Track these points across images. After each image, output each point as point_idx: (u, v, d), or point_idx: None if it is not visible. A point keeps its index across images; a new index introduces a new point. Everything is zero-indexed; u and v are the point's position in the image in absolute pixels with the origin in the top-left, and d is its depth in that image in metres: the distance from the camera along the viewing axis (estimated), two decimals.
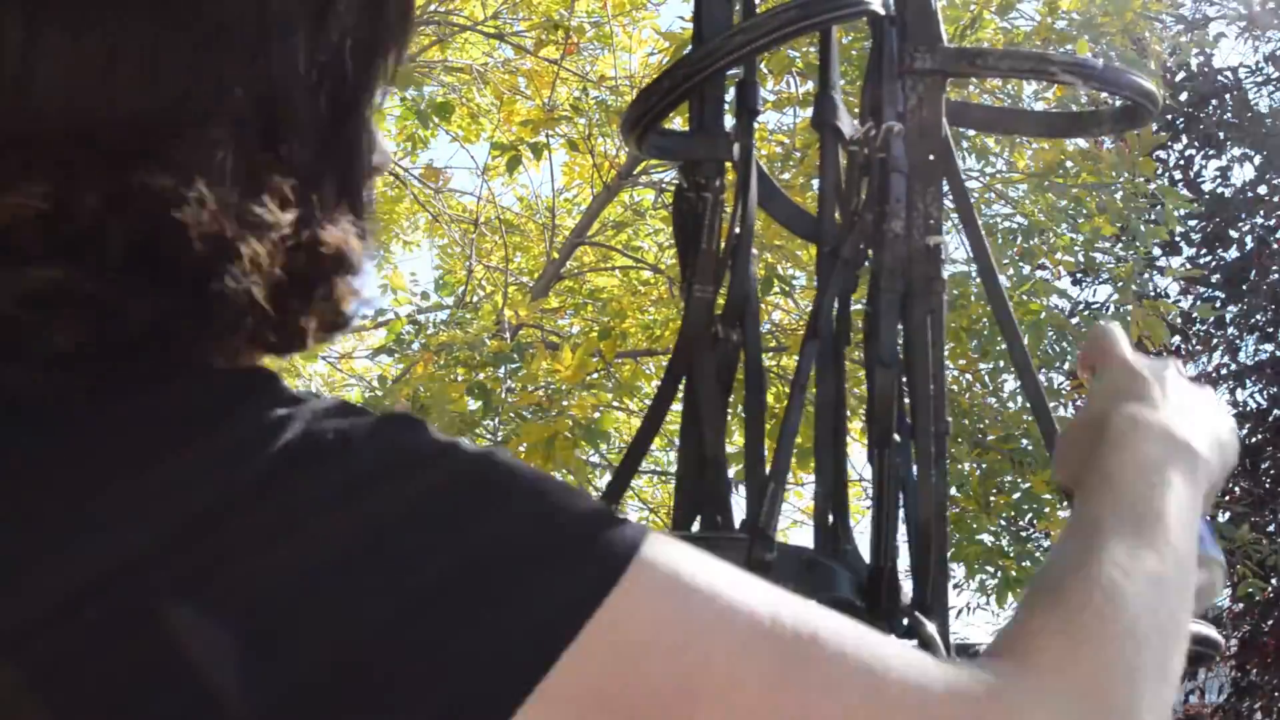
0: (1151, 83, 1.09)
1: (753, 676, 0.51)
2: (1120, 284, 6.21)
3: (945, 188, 1.09)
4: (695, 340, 0.97)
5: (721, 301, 1.01)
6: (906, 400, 1.03)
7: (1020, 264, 5.80)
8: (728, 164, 1.04)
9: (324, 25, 0.56)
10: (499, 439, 5.06)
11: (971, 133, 5.47)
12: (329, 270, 0.57)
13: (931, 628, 0.92)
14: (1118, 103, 1.20)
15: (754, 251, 0.99)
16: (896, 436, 1.00)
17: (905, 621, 0.92)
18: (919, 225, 1.02)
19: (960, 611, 7.86)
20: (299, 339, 0.57)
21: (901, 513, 0.97)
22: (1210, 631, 1.00)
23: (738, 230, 1.00)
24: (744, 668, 0.51)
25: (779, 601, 0.53)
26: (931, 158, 1.01)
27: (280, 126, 0.55)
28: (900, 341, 0.99)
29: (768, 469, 0.94)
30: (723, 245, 0.99)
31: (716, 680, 0.50)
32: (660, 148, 1.08)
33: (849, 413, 1.04)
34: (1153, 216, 5.87)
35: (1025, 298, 5.49)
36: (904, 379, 0.99)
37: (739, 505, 1.05)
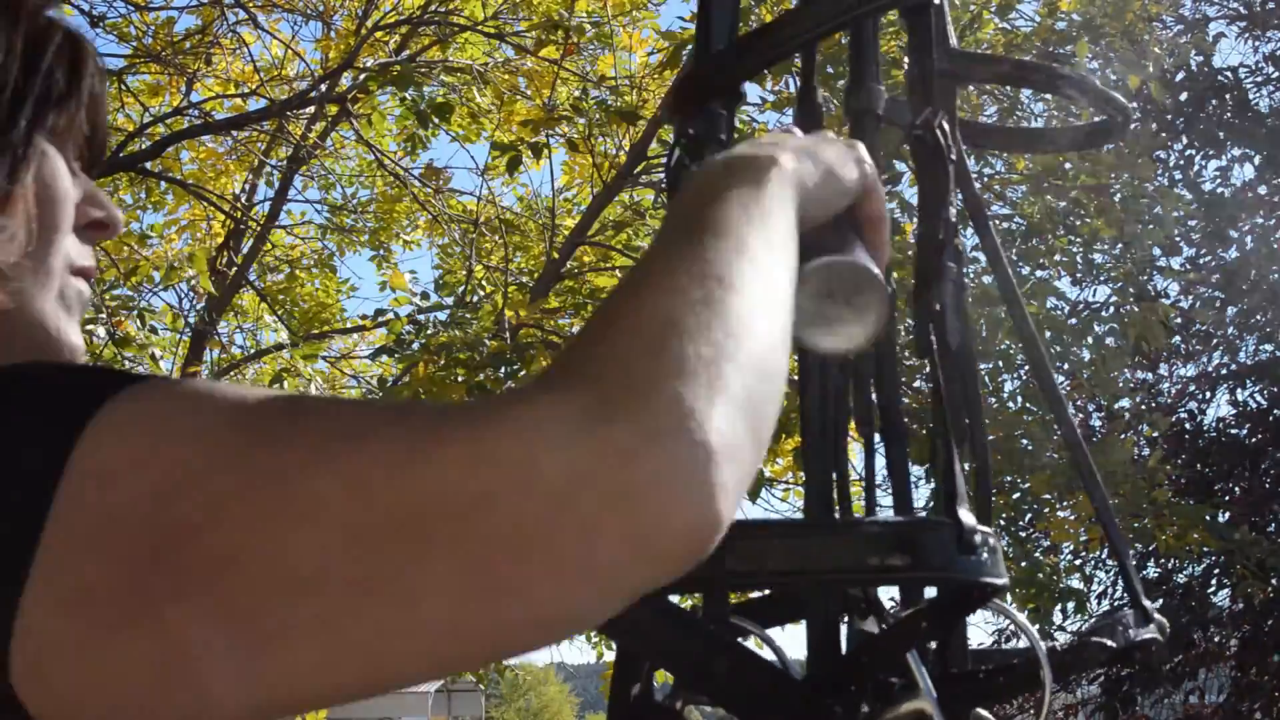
0: (1151, 85, 1.09)
1: (229, 458, 0.52)
2: (1120, 284, 6.22)
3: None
4: None
5: None
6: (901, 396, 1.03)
7: (1020, 265, 5.81)
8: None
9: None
10: None
11: None
12: None
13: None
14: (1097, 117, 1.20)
15: None
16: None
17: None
18: None
19: None
20: None
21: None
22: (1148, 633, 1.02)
23: None
24: (219, 457, 0.52)
25: (258, 393, 0.55)
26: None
27: None
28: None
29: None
30: None
31: (196, 476, 0.51)
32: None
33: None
34: (1150, 219, 5.88)
35: (1025, 298, 5.50)
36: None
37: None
